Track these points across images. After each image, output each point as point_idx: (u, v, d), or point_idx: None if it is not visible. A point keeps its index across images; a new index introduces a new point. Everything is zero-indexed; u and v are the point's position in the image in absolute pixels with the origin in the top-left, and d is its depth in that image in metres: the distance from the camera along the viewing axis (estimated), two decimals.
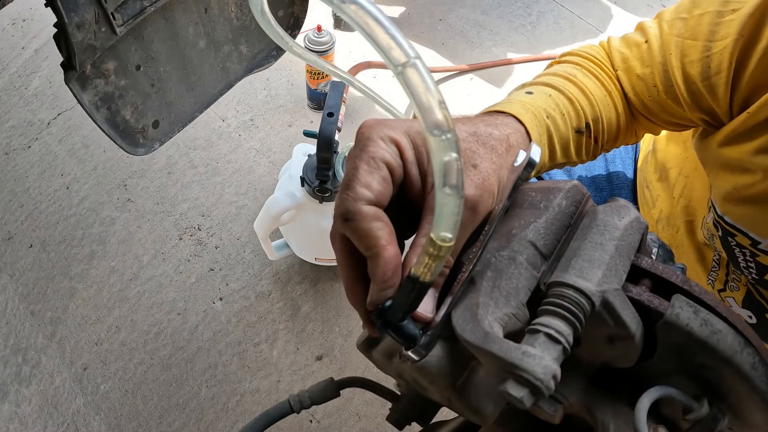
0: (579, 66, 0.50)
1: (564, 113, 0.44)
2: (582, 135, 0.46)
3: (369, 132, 0.29)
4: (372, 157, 0.28)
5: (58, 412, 1.01)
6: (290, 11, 0.92)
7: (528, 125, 0.39)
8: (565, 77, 0.48)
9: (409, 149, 0.30)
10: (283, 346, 1.09)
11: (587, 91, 0.47)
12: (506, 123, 0.38)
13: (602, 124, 0.48)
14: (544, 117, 0.42)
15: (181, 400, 1.03)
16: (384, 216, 0.28)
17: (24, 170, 1.29)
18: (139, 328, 1.10)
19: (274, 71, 1.49)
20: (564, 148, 0.45)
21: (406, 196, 0.31)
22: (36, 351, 1.07)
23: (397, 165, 0.29)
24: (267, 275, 1.17)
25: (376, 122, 0.30)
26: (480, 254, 0.29)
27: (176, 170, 1.31)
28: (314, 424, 1.01)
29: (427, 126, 0.21)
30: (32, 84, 1.44)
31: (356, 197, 0.27)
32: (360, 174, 0.28)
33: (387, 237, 0.27)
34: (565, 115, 0.44)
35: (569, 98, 0.45)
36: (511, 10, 1.73)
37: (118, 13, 0.63)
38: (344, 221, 0.27)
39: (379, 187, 0.28)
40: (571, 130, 0.45)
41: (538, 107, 0.42)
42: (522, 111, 0.40)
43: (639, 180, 0.74)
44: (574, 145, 0.46)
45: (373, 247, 0.27)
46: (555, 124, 0.43)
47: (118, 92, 0.73)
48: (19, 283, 1.14)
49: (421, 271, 0.25)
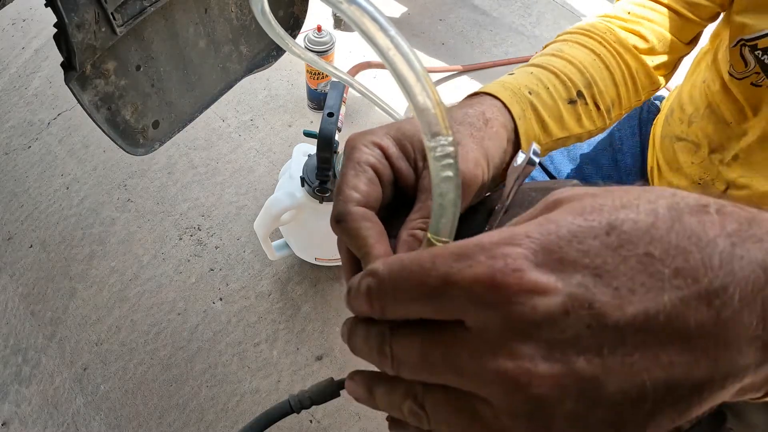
0: (566, 41, 0.52)
1: (548, 86, 0.45)
2: (576, 104, 0.46)
3: (353, 142, 0.31)
4: (357, 162, 0.30)
5: (58, 412, 1.01)
6: (290, 11, 0.92)
7: (506, 100, 0.40)
8: (551, 54, 0.49)
9: (393, 147, 0.31)
10: (283, 346, 1.09)
11: (574, 61, 0.48)
12: (479, 101, 0.39)
13: (597, 87, 0.48)
14: (525, 93, 0.42)
15: (181, 400, 1.03)
16: (373, 216, 0.29)
17: (24, 170, 1.29)
18: (139, 328, 1.10)
19: (274, 71, 1.49)
20: (557, 120, 0.45)
21: (401, 190, 0.32)
22: (36, 351, 1.07)
23: (382, 165, 0.31)
24: (267, 275, 1.17)
25: (358, 134, 0.32)
26: None
27: (176, 170, 1.31)
28: (314, 424, 1.01)
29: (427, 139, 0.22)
30: (32, 84, 1.44)
31: (345, 199, 0.29)
32: (347, 179, 0.30)
33: (375, 236, 0.28)
34: (550, 89, 0.45)
35: (553, 72, 0.46)
36: (511, 10, 1.73)
37: (118, 13, 0.63)
38: (337, 223, 0.29)
39: (365, 188, 0.29)
40: (561, 102, 0.45)
41: (519, 84, 0.43)
42: (499, 89, 0.41)
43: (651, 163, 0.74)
44: (572, 117, 0.46)
45: (363, 246, 0.28)
46: (539, 98, 0.43)
47: (118, 92, 0.73)
48: (19, 283, 1.14)
49: None
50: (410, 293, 0.20)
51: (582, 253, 0.17)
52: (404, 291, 0.20)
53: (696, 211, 0.18)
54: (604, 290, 0.17)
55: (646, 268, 0.17)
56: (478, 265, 0.18)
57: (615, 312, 0.17)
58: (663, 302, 0.17)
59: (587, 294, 0.17)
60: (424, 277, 0.19)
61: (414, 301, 0.20)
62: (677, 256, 0.17)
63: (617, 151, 0.78)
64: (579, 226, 0.18)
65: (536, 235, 0.18)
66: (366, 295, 0.21)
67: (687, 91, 0.69)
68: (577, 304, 0.17)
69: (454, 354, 0.19)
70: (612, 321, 0.17)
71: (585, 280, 0.17)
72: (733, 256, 0.17)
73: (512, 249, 0.18)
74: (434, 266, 0.19)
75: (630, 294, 0.17)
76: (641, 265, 0.17)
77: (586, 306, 0.17)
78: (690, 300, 0.17)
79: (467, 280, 0.18)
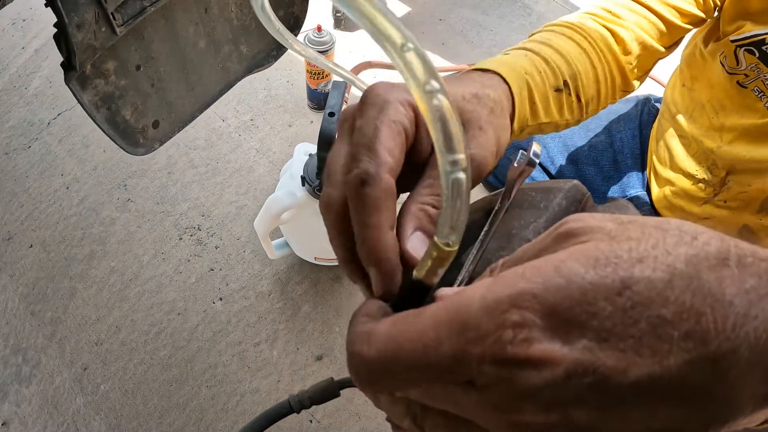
0: (553, 31, 0.52)
1: (541, 71, 0.45)
2: (561, 93, 0.47)
3: (386, 95, 0.27)
4: (393, 120, 0.26)
5: (58, 412, 1.01)
6: (290, 11, 0.92)
7: (510, 81, 0.40)
8: (540, 41, 0.49)
9: None
10: (283, 346, 1.09)
11: (562, 51, 0.48)
12: (495, 84, 0.39)
13: (581, 80, 0.48)
14: (522, 73, 0.43)
15: (181, 400, 1.03)
16: (395, 193, 0.26)
17: (24, 170, 1.29)
18: (139, 328, 1.10)
19: (274, 71, 1.49)
20: (545, 106, 0.45)
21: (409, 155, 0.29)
22: (36, 351, 1.07)
23: (410, 132, 0.28)
24: (267, 275, 1.17)
25: (390, 85, 0.28)
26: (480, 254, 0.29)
27: (176, 170, 1.31)
28: (314, 424, 1.01)
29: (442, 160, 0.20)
30: (32, 84, 1.44)
31: (379, 161, 0.25)
32: (383, 137, 0.25)
33: (392, 219, 0.25)
34: (542, 73, 0.45)
35: (544, 59, 0.46)
36: (511, 10, 1.73)
37: (118, 13, 0.63)
38: (361, 184, 0.24)
39: (399, 156, 0.26)
40: (549, 89, 0.46)
41: (517, 64, 0.43)
42: (507, 70, 0.41)
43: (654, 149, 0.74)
44: (556, 105, 0.46)
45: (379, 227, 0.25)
46: (534, 80, 0.44)
47: (118, 92, 0.73)
48: (19, 283, 1.14)
49: (424, 274, 0.25)
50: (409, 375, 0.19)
51: (591, 315, 0.17)
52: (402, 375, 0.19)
53: (715, 266, 0.17)
54: (609, 354, 0.16)
55: (655, 331, 0.16)
56: (485, 339, 0.17)
57: (618, 376, 0.16)
58: (668, 365, 0.16)
59: (592, 359, 0.17)
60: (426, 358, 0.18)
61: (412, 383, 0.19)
62: (689, 318, 0.16)
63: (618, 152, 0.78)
64: (590, 284, 0.17)
65: (544, 294, 0.17)
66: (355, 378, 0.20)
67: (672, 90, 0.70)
68: (581, 370, 0.17)
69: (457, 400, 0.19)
70: (614, 384, 0.16)
71: (591, 345, 0.17)
72: (747, 318, 0.16)
73: (520, 314, 0.17)
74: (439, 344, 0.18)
75: (635, 356, 0.16)
76: (651, 327, 0.16)
77: (590, 372, 0.17)
78: (696, 362, 0.16)
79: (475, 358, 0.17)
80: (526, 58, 0.45)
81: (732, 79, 0.59)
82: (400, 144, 0.26)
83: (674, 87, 0.71)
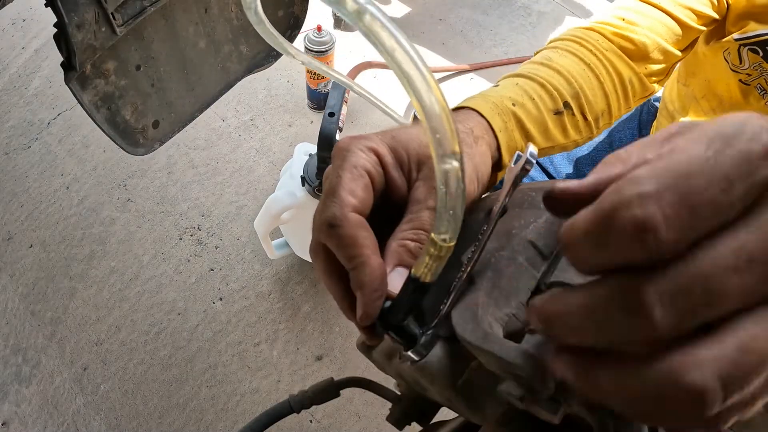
0: (556, 48, 0.51)
1: (534, 97, 0.45)
2: (562, 114, 0.46)
3: (348, 145, 0.29)
4: (354, 165, 0.28)
5: (58, 412, 1.01)
6: (290, 11, 0.92)
7: (488, 116, 0.40)
8: (540, 63, 0.49)
9: (388, 155, 0.30)
10: (283, 346, 1.09)
11: (563, 71, 0.48)
12: (468, 117, 0.39)
13: (585, 98, 0.48)
14: (509, 105, 0.43)
15: (181, 400, 1.03)
16: (368, 225, 0.28)
17: (24, 170, 1.29)
18: (139, 328, 1.10)
19: (274, 71, 1.49)
20: (542, 130, 0.45)
21: (388, 201, 0.31)
22: (36, 351, 1.07)
23: (377, 174, 0.29)
24: (267, 275, 1.17)
25: (352, 137, 0.30)
26: (479, 254, 0.29)
27: (176, 170, 1.31)
28: (314, 424, 1.01)
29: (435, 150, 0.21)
30: (32, 84, 1.44)
31: (342, 203, 0.27)
32: (344, 181, 0.28)
33: (372, 246, 0.27)
34: (536, 99, 0.45)
35: (540, 83, 0.46)
36: (511, 10, 1.73)
37: (118, 13, 0.63)
38: (329, 228, 0.27)
39: (362, 195, 0.28)
40: (547, 113, 0.45)
41: (502, 96, 0.43)
42: (481, 103, 0.41)
43: None
44: (558, 127, 0.46)
45: (358, 256, 0.27)
46: (524, 108, 0.44)
47: (118, 92, 0.73)
48: (19, 283, 1.14)
49: (422, 272, 0.25)
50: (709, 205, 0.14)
51: None
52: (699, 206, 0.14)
53: None
54: None
55: None
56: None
57: None
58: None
59: None
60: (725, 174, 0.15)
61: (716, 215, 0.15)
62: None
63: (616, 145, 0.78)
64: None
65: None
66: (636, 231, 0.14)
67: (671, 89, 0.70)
68: None
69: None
70: None
71: None
72: None
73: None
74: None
75: None
76: None
77: None
78: None
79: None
80: (516, 87, 0.45)
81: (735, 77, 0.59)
82: (363, 185, 0.28)
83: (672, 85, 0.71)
